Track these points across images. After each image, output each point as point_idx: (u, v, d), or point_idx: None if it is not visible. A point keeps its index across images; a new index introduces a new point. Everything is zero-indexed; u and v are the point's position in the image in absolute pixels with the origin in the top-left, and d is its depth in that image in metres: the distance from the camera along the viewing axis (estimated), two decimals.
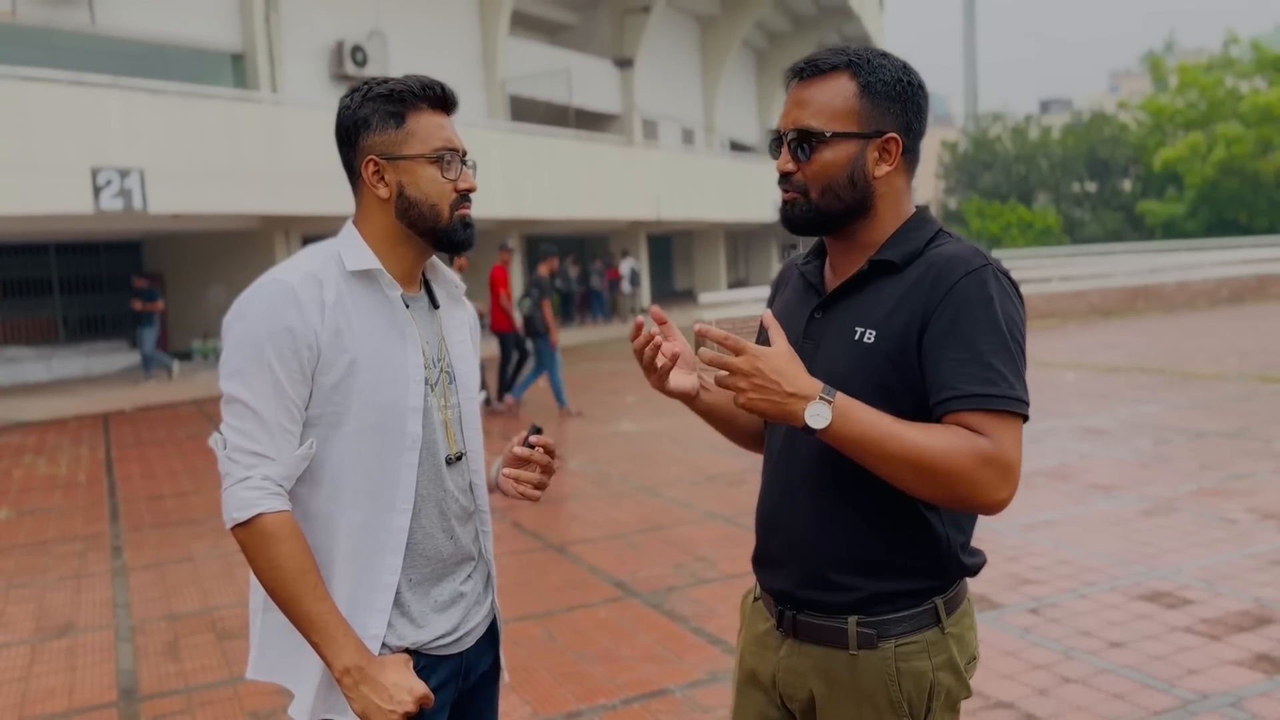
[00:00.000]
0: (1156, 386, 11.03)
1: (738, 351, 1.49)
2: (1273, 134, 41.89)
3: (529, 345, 11.37)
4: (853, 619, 1.62)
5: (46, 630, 5.00)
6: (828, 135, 1.59)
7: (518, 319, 11.39)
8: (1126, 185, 53.47)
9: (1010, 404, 1.49)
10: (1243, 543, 5.35)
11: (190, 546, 6.41)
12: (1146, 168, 48.99)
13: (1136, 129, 51.09)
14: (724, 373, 1.51)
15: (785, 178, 1.64)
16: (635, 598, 5.01)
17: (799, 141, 1.61)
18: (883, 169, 1.61)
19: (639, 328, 1.71)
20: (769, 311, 1.64)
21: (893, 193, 1.64)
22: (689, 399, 1.79)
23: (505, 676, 2.02)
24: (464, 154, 1.79)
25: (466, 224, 1.79)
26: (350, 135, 1.77)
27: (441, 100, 1.78)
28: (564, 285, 25.83)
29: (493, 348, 11.99)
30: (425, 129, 1.75)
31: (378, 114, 1.74)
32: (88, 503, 7.92)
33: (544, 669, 4.16)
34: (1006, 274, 1.58)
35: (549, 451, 1.92)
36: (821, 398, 1.47)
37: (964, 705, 3.65)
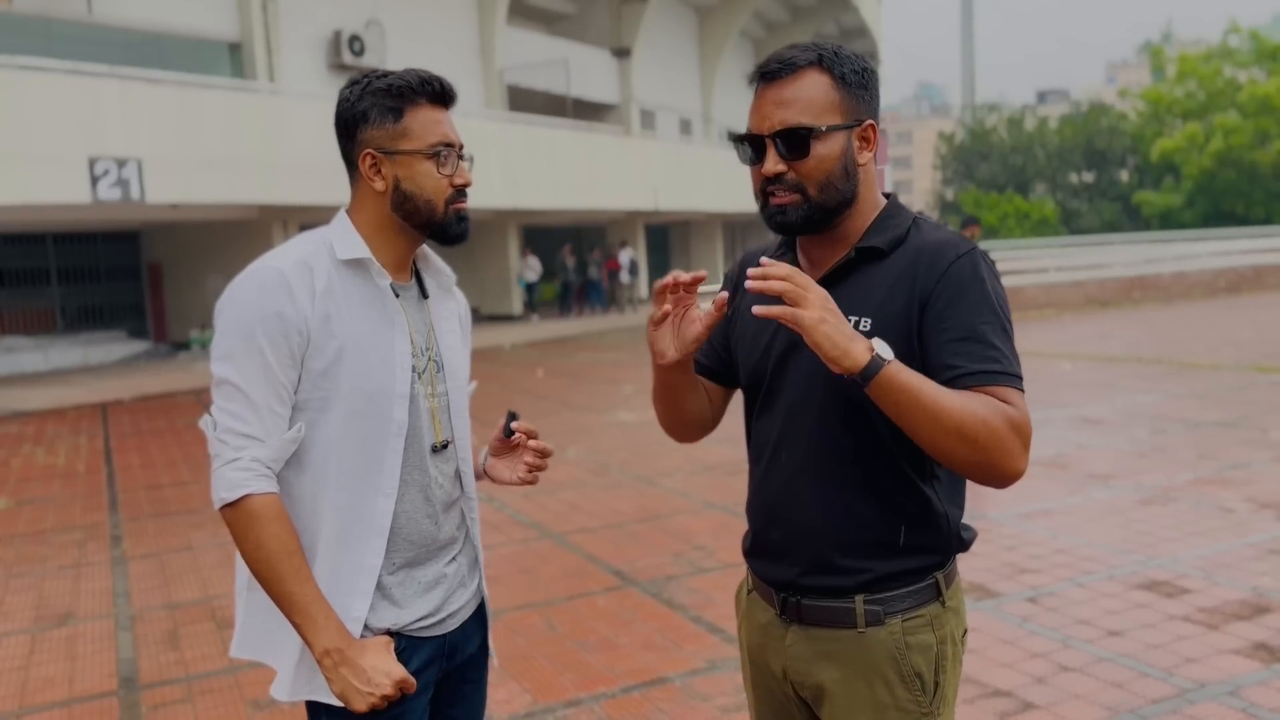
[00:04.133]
0: (1153, 376, 11.04)
1: (805, 288, 1.44)
2: (1270, 125, 41.84)
3: None
4: (859, 597, 1.64)
5: (46, 619, 5.01)
6: (823, 129, 1.59)
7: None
8: (1124, 176, 53.42)
9: (1011, 380, 1.53)
10: (1240, 532, 5.36)
11: (189, 535, 6.42)
12: (1144, 158, 48.96)
13: (1134, 119, 51.04)
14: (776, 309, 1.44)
15: (776, 179, 1.61)
16: (634, 586, 5.02)
17: (789, 141, 1.59)
18: (865, 156, 1.65)
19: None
20: (724, 294, 1.67)
21: (870, 179, 1.67)
22: (684, 359, 1.70)
23: (494, 660, 2.03)
24: (461, 148, 1.81)
25: (461, 218, 1.82)
26: (349, 128, 1.79)
27: (440, 95, 1.80)
28: (562, 276, 25.81)
29: (491, 338, 11.99)
30: (423, 124, 1.77)
31: (376, 108, 1.76)
32: (86, 492, 7.93)
33: (543, 657, 4.17)
34: (987, 255, 1.63)
35: (531, 436, 1.95)
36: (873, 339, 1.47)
37: (962, 693, 3.67)
